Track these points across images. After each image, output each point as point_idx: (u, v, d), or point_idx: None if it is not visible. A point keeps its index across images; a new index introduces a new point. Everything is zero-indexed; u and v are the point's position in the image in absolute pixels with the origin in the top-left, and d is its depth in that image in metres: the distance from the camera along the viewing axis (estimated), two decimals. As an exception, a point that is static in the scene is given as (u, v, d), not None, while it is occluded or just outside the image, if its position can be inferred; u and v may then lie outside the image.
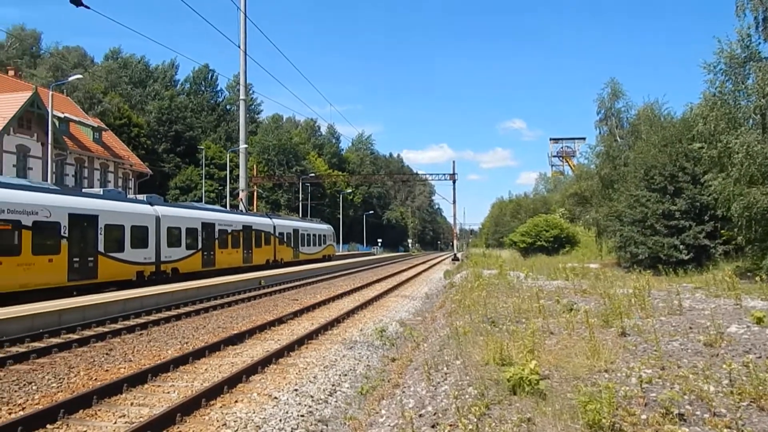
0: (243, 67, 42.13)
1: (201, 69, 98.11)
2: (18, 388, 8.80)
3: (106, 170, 46.43)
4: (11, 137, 36.31)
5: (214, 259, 29.13)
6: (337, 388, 8.84)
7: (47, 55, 74.47)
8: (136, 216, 22.93)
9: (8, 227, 16.81)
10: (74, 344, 12.00)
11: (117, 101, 67.98)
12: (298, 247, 43.60)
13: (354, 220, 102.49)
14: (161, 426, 6.74)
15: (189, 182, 73.30)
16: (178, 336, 13.39)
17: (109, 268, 20.84)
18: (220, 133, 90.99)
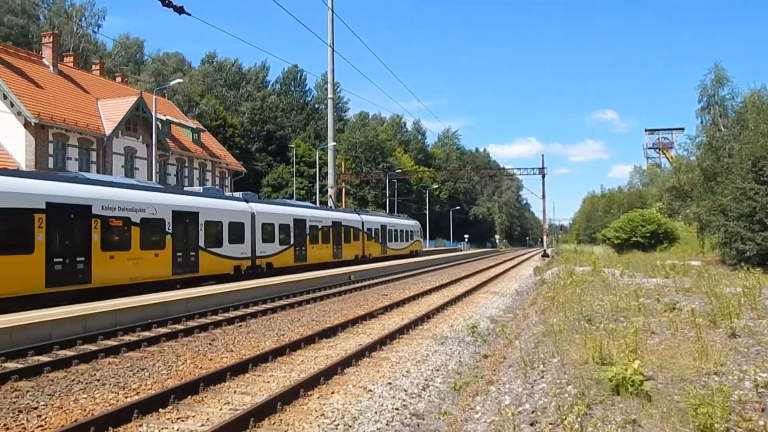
0: (330, 65, 42.98)
1: (290, 69, 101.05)
2: (132, 373, 9.43)
3: (204, 169, 48.74)
4: (120, 139, 38.84)
5: (306, 255, 29.94)
6: (430, 383, 8.88)
7: (149, 61, 78.95)
8: (233, 213, 23.95)
9: (119, 224, 18.03)
10: (180, 334, 12.72)
11: (213, 103, 71.23)
12: (386, 242, 44.02)
13: (440, 216, 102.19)
14: (263, 414, 7.01)
15: (280, 180, 75.63)
16: (275, 328, 13.89)
17: (209, 263, 21.91)
18: (309, 131, 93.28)
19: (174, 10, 14.10)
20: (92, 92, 41.19)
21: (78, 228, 16.67)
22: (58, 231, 15.99)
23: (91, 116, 37.75)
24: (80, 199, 16.77)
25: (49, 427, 6.81)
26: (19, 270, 14.68)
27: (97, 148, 37.19)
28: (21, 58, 38.04)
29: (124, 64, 74.03)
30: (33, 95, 34.47)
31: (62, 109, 35.31)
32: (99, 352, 10.68)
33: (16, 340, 11.31)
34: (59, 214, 15.93)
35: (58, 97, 36.59)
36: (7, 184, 14.80)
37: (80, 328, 12.75)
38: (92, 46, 71.44)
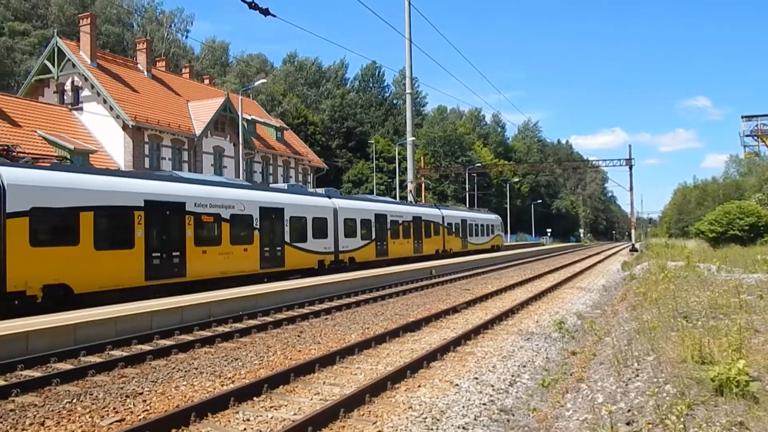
0: (408, 60, 42.98)
1: (369, 66, 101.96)
2: (227, 363, 9.86)
3: (288, 166, 50.09)
4: (209, 139, 40.56)
5: (387, 249, 30.20)
6: (517, 379, 8.77)
7: (234, 63, 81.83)
8: (316, 208, 24.50)
9: (211, 220, 18.84)
10: (270, 326, 13.17)
11: (295, 102, 73.07)
12: (467, 237, 43.70)
13: (521, 210, 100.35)
14: (352, 405, 7.16)
15: (360, 175, 76.60)
16: (359, 321, 14.12)
17: (294, 257, 22.53)
18: (388, 127, 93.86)
19: (260, 12, 14.56)
20: (183, 95, 43.20)
21: (173, 224, 17.56)
22: (155, 227, 16.91)
23: (182, 118, 39.63)
24: (175, 197, 17.65)
25: (153, 411, 7.23)
26: (122, 264, 15.65)
27: (189, 148, 39.01)
28: (118, 64, 40.42)
29: (211, 66, 77.06)
30: (130, 99, 36.55)
31: (156, 112, 37.24)
32: (195, 342, 11.23)
33: (120, 329, 12.07)
34: (156, 211, 16.84)
35: (153, 100, 38.61)
36: (111, 184, 15.81)
37: (177, 319, 13.44)
38: (181, 50, 74.78)
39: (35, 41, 53.48)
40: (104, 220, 15.36)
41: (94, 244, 14.89)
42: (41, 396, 8.02)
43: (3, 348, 9.94)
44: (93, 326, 11.61)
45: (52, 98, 37.77)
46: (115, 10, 65.61)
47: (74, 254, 14.41)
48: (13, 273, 12.99)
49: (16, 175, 13.54)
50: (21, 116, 32.42)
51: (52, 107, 36.29)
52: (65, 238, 14.39)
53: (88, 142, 34.59)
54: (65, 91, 37.67)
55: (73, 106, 37.02)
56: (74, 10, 56.39)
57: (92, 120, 35.82)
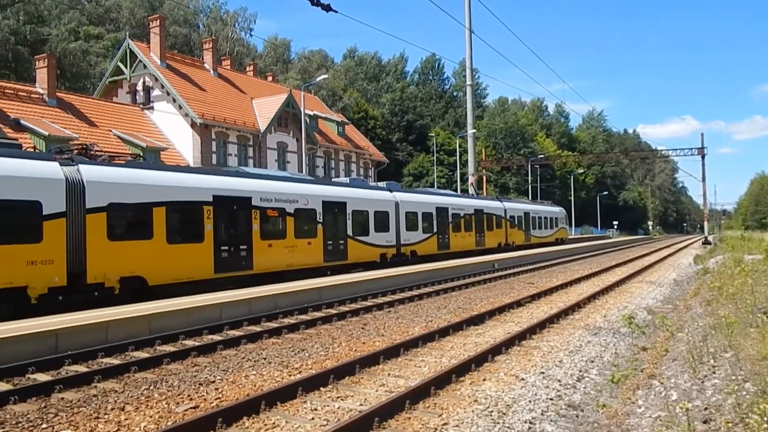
0: (469, 51, 42.52)
1: (428, 59, 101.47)
2: (293, 354, 10.09)
3: (349, 161, 50.57)
4: (273, 135, 41.43)
5: (449, 243, 30.09)
6: (585, 375, 8.59)
7: (296, 60, 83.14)
8: (378, 202, 24.65)
9: (276, 214, 19.26)
10: (334, 318, 13.39)
11: (355, 96, 73.62)
12: (530, 230, 43.01)
13: (586, 202, 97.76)
14: (418, 397, 7.19)
15: (421, 169, 76.44)
16: (422, 315, 14.15)
17: (357, 251, 22.76)
18: (448, 119, 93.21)
19: (322, 8, 14.73)
20: (247, 92, 44.25)
21: (240, 219, 18.06)
22: (223, 222, 17.44)
23: (247, 114, 40.63)
24: (242, 192, 18.14)
25: (225, 399, 7.49)
26: (193, 257, 16.24)
27: (253, 144, 39.96)
28: (186, 64, 41.77)
29: (273, 63, 78.53)
30: (197, 98, 37.74)
31: (222, 109, 38.30)
32: (263, 333, 11.55)
33: (192, 320, 12.54)
34: (224, 206, 17.36)
35: (219, 99, 39.73)
36: (182, 180, 16.42)
37: (245, 311, 13.84)
38: (245, 48, 76.48)
39: (108, 44, 55.84)
40: (176, 215, 15.96)
41: (167, 238, 15.50)
42: (121, 383, 8.43)
43: (85, 337, 10.51)
44: (167, 317, 12.10)
45: (125, 98, 39.44)
46: (182, 12, 67.71)
47: (148, 248, 15.04)
48: (92, 266, 13.68)
49: (94, 172, 14.24)
50: (97, 116, 34.01)
51: (125, 107, 37.91)
52: (140, 233, 15.04)
53: (159, 139, 35.95)
54: (137, 91, 39.24)
55: (144, 106, 38.55)
56: (144, 13, 58.55)
57: (163, 118, 37.20)
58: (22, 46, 48.13)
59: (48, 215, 12.90)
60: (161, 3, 63.22)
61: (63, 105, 32.72)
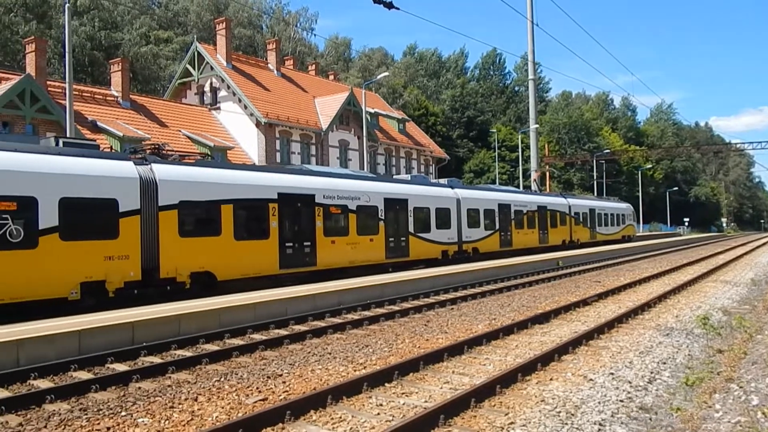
0: (531, 45, 41.85)
1: (489, 54, 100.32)
2: (358, 349, 10.20)
3: (410, 158, 50.62)
4: (334, 133, 41.94)
5: (511, 240, 29.70)
6: (657, 376, 8.32)
7: (357, 58, 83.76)
8: (439, 199, 24.59)
9: (338, 211, 19.51)
10: (397, 314, 13.46)
11: (415, 93, 73.56)
12: (595, 227, 41.90)
13: (655, 198, 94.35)
14: (483, 395, 7.14)
15: (482, 165, 75.67)
16: (486, 312, 14.03)
17: (418, 247, 22.78)
18: (510, 115, 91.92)
19: (384, 5, 14.81)
20: (310, 91, 44.95)
21: (304, 216, 18.39)
22: (287, 219, 17.80)
23: (309, 113, 41.29)
24: (305, 190, 18.45)
25: (293, 392, 7.65)
26: (259, 253, 16.65)
27: (316, 142, 40.57)
28: (250, 64, 42.80)
29: (334, 62, 79.40)
30: (262, 97, 38.62)
31: (286, 108, 39.06)
32: (328, 328, 11.73)
33: (258, 314, 12.86)
34: (288, 203, 17.71)
35: (282, 98, 40.53)
36: (248, 178, 16.87)
37: (310, 306, 14.09)
38: (307, 48, 77.64)
39: (177, 47, 57.86)
40: (242, 212, 16.40)
41: (234, 234, 15.95)
42: (193, 374, 8.75)
43: (159, 329, 10.95)
44: (235, 311, 12.47)
45: (193, 99, 40.79)
46: (247, 14, 69.36)
47: (217, 244, 15.52)
48: (165, 261, 14.23)
49: (166, 171, 14.80)
50: (167, 117, 35.32)
51: (193, 108, 39.21)
52: (209, 229, 15.54)
53: (225, 139, 37.00)
54: (204, 93, 40.50)
55: (211, 106, 39.75)
56: (210, 16, 60.31)
57: (229, 118, 38.26)
58: (98, 51, 50.50)
59: (124, 212, 13.49)
60: (226, 6, 64.97)
61: (136, 107, 34.15)
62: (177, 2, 67.24)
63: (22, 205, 11.90)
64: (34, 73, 28.01)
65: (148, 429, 6.37)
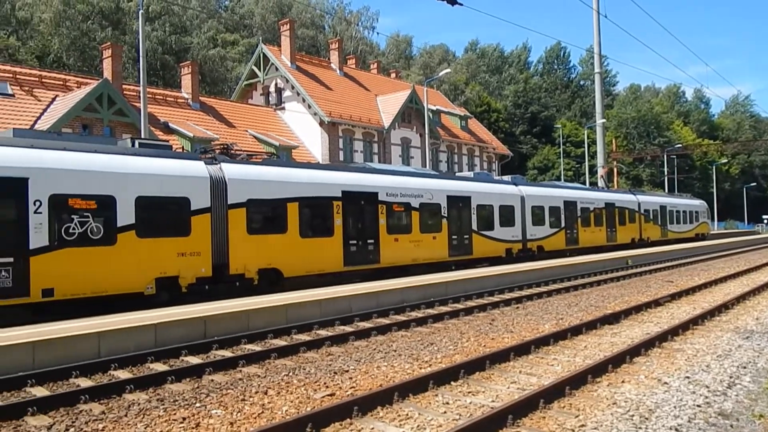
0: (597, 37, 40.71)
1: (553, 47, 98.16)
2: (422, 347, 10.20)
3: (473, 155, 50.17)
4: (396, 131, 42.05)
5: (578, 238, 29.02)
6: (737, 381, 7.95)
7: (418, 55, 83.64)
8: (503, 196, 24.27)
9: (401, 209, 19.55)
10: (461, 313, 13.40)
11: (477, 90, 72.85)
12: (666, 224, 40.38)
13: (731, 195, 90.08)
14: (552, 396, 7.01)
15: (546, 161, 74.26)
16: (552, 311, 13.77)
17: (481, 246, 22.56)
18: (575, 110, 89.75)
19: (447, 1, 14.71)
20: (372, 89, 45.22)
21: (367, 213, 18.53)
22: (351, 216, 17.99)
23: (372, 111, 41.55)
24: (369, 188, 18.58)
25: (359, 388, 7.73)
26: (324, 250, 16.90)
27: (378, 140, 40.81)
28: (314, 64, 43.45)
29: (396, 60, 79.58)
30: (325, 97, 39.15)
31: (348, 107, 39.43)
32: (392, 326, 11.80)
33: (324, 311, 13.07)
34: (352, 201, 17.89)
35: (345, 97, 40.95)
36: (313, 177, 17.15)
37: (374, 303, 14.20)
38: (368, 47, 78.12)
39: (243, 49, 59.35)
40: (308, 210, 16.68)
41: (300, 232, 16.26)
42: (263, 368, 8.97)
43: (229, 324, 11.29)
44: (301, 307, 12.71)
45: (259, 100, 41.77)
46: (309, 14, 70.39)
47: (283, 241, 15.85)
48: (234, 258, 14.65)
49: (235, 170, 15.22)
50: (234, 118, 36.31)
51: (259, 108, 40.16)
52: (275, 227, 15.89)
53: (290, 138, 37.71)
54: (270, 93, 41.39)
55: (276, 107, 40.59)
56: (274, 18, 61.53)
57: (293, 118, 38.97)
58: (168, 55, 52.45)
59: (195, 210, 13.96)
60: (290, 7, 66.12)
61: (205, 108, 35.25)
62: (243, 5, 68.98)
63: (102, 204, 12.51)
64: (111, 78, 29.34)
65: (221, 420, 6.58)
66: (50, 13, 47.57)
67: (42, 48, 48.02)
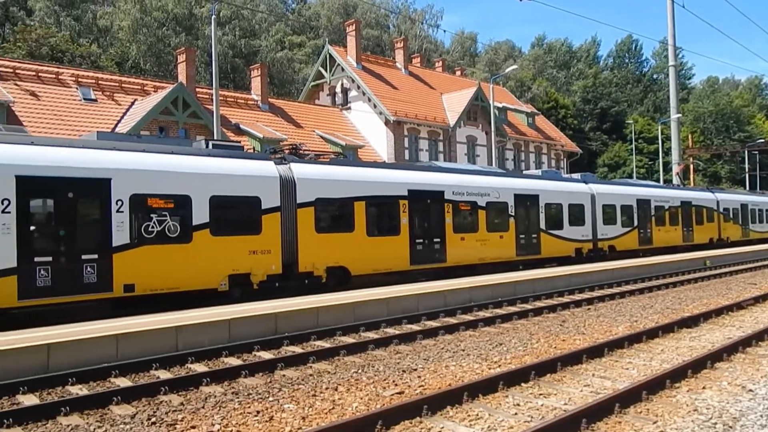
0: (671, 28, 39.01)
1: (624, 40, 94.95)
2: (491, 347, 10.09)
3: (540, 152, 49.21)
4: (462, 129, 41.75)
5: (651, 237, 28.00)
6: (831, 391, 7.47)
7: (483, 52, 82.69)
8: (572, 194, 23.70)
9: (468, 208, 19.41)
10: (530, 313, 13.18)
11: (545, 86, 71.32)
12: (748, 224, 38.37)
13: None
14: (628, 401, 6.79)
15: (617, 158, 71.94)
16: (626, 313, 13.34)
17: (550, 245, 22.11)
18: (647, 105, 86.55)
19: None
20: (437, 88, 45.07)
21: (433, 212, 18.49)
22: (417, 215, 18.00)
23: (437, 110, 41.41)
24: (435, 186, 18.54)
25: (428, 387, 7.73)
26: (390, 249, 16.99)
27: (443, 139, 40.63)
28: (379, 64, 43.69)
29: (461, 58, 78.99)
30: (390, 96, 39.30)
31: (414, 106, 39.44)
32: (460, 325, 11.73)
33: (391, 309, 13.14)
34: (418, 200, 17.90)
35: (410, 96, 40.98)
36: (379, 176, 17.27)
37: (441, 302, 14.15)
38: (433, 45, 77.88)
39: (309, 51, 60.36)
40: (374, 209, 16.81)
41: (367, 230, 16.41)
42: (332, 364, 9.10)
43: (299, 321, 11.52)
44: (369, 305, 12.82)
45: (325, 100, 42.37)
46: (374, 14, 70.82)
47: (350, 240, 16.03)
48: (303, 256, 14.94)
49: (303, 170, 15.51)
50: (302, 118, 36.98)
51: (326, 108, 40.74)
52: (343, 226, 16.09)
53: (356, 138, 38.07)
54: (336, 93, 41.93)
55: (342, 107, 41.06)
56: (340, 19, 62.26)
57: (359, 117, 39.32)
58: (238, 58, 53.91)
59: (266, 209, 14.32)
60: (355, 8, 66.73)
61: (273, 109, 36.07)
62: (309, 7, 70.14)
63: (179, 203, 13.01)
64: (185, 81, 30.45)
65: (293, 415, 6.72)
66: (128, 21, 49.81)
67: (121, 54, 50.34)
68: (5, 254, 10.79)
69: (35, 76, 27.70)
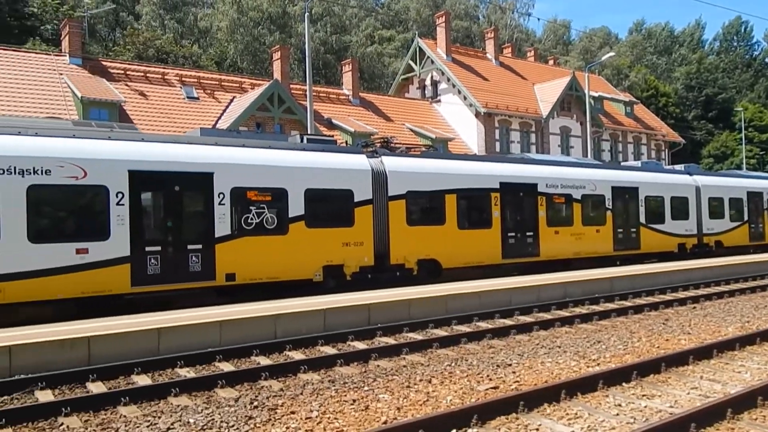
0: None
1: (732, 23, 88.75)
2: (589, 344, 9.77)
3: (639, 143, 47.00)
4: (555, 120, 40.57)
5: (764, 233, 26.14)
6: None
7: (577, 40, 79.84)
8: (675, 187, 22.52)
9: (562, 200, 18.88)
10: (630, 311, 12.65)
11: (643, 73, 67.91)
12: None
13: None
14: (741, 406, 6.37)
15: (724, 149, 67.46)
16: (736, 313, 12.53)
17: (650, 239, 21.14)
18: (758, 91, 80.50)
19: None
20: (528, 78, 44.00)
21: (526, 205, 18.13)
22: (509, 208, 17.71)
23: (529, 101, 40.45)
24: (527, 179, 18.15)
25: (524, 383, 7.59)
26: (482, 243, 16.83)
27: (536, 130, 39.65)
28: (469, 56, 43.17)
29: (553, 47, 76.68)
30: (480, 87, 38.77)
31: (505, 97, 38.71)
32: (555, 321, 11.45)
33: (483, 303, 13.01)
34: (510, 192, 17.60)
35: (501, 87, 40.24)
36: (470, 168, 17.14)
37: (534, 297, 13.86)
38: (524, 35, 76.00)
39: (399, 45, 60.53)
40: (465, 201, 16.69)
41: (458, 223, 16.32)
42: (425, 357, 9.14)
43: (391, 312, 11.65)
44: (461, 298, 12.76)
45: (415, 94, 42.38)
46: (463, 5, 70.02)
47: (441, 233, 16.01)
48: (394, 248, 15.07)
49: (394, 163, 15.62)
50: (392, 112, 37.21)
51: (415, 101, 40.77)
52: (433, 218, 16.08)
53: (446, 130, 37.86)
54: (425, 86, 41.83)
55: (432, 99, 40.93)
56: (429, 12, 62.00)
57: (449, 110, 39.06)
58: (330, 54, 54.96)
59: (358, 202, 14.56)
60: (444, 0, 66.24)
61: (364, 103, 36.51)
62: (398, 1, 70.27)
63: (276, 196, 13.46)
64: (280, 78, 31.40)
65: (388, 405, 6.80)
66: (226, 21, 51.90)
67: (220, 54, 52.55)
68: (120, 244, 11.58)
69: (143, 77, 29.46)
